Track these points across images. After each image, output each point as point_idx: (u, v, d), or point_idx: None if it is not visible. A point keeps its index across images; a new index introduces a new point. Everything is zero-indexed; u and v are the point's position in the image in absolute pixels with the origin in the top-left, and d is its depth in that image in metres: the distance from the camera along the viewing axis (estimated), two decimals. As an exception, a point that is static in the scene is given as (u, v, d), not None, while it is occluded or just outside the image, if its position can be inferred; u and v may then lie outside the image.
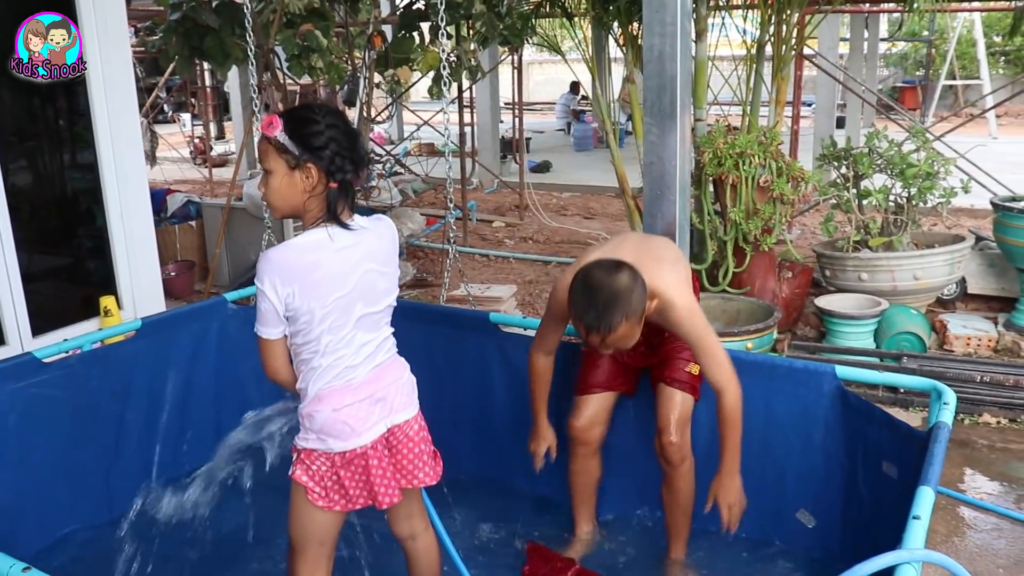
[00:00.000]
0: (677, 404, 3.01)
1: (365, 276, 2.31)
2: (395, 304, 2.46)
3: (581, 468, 3.23)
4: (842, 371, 3.02)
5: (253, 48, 4.83)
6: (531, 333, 3.57)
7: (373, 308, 2.36)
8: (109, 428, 3.64)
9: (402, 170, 10.73)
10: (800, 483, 3.14)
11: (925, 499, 2.08)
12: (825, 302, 5.64)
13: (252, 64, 4.72)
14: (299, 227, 2.36)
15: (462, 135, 9.33)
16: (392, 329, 2.50)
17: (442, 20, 4.37)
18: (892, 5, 10.82)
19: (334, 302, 2.25)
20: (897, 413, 4.63)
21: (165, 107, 19.12)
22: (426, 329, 3.83)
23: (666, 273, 2.74)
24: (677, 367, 3.03)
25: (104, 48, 4.85)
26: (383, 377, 2.42)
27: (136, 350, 3.76)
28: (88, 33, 4.79)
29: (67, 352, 3.50)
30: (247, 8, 5.07)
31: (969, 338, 5.58)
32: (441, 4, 4.37)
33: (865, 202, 6.02)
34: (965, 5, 11.91)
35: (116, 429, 3.67)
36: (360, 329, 2.34)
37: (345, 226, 2.28)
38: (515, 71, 10.49)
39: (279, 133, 2.21)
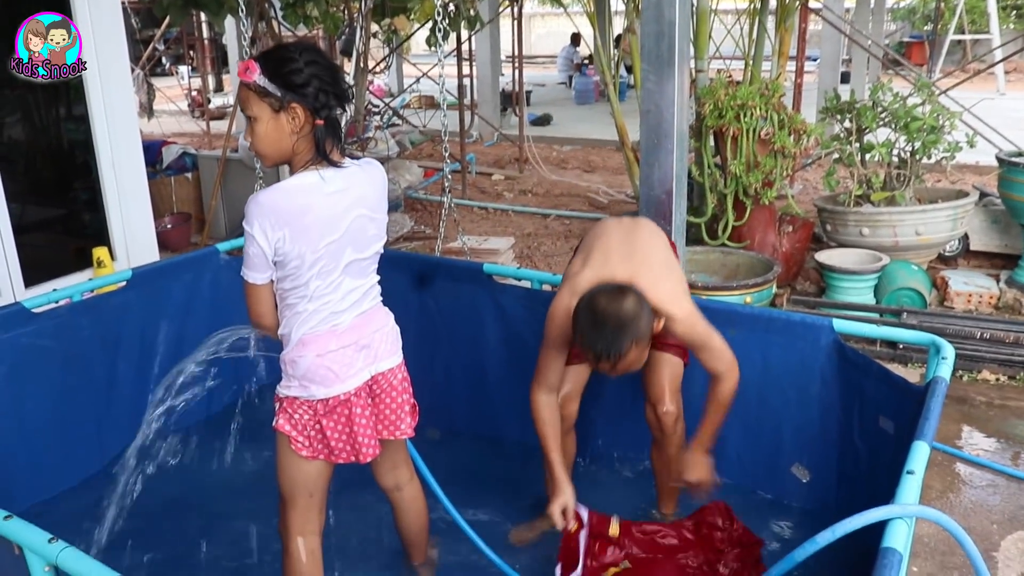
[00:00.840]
0: (668, 370, 2.94)
1: (356, 221, 2.26)
2: (382, 251, 2.42)
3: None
4: (839, 324, 2.98)
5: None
6: (526, 284, 3.54)
7: (362, 254, 2.32)
8: (100, 378, 3.62)
9: (400, 122, 10.62)
10: (796, 436, 3.12)
11: (920, 454, 2.04)
12: (825, 257, 5.58)
13: (243, 13, 4.60)
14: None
15: (460, 87, 9.21)
16: (378, 277, 2.45)
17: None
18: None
19: (325, 247, 2.21)
20: (896, 369, 4.60)
21: (163, 59, 18.92)
22: (419, 280, 3.79)
23: (661, 283, 2.63)
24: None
25: (93, -6, 4.76)
26: (368, 324, 2.38)
27: (127, 300, 3.74)
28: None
29: (57, 302, 3.47)
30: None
31: (970, 295, 5.54)
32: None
33: (868, 156, 5.93)
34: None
35: (108, 379, 3.65)
36: (348, 275, 2.30)
37: (336, 166, 2.22)
38: (515, 23, 10.33)
39: (258, 76, 2.14)
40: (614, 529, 2.83)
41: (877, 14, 15.50)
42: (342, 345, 2.31)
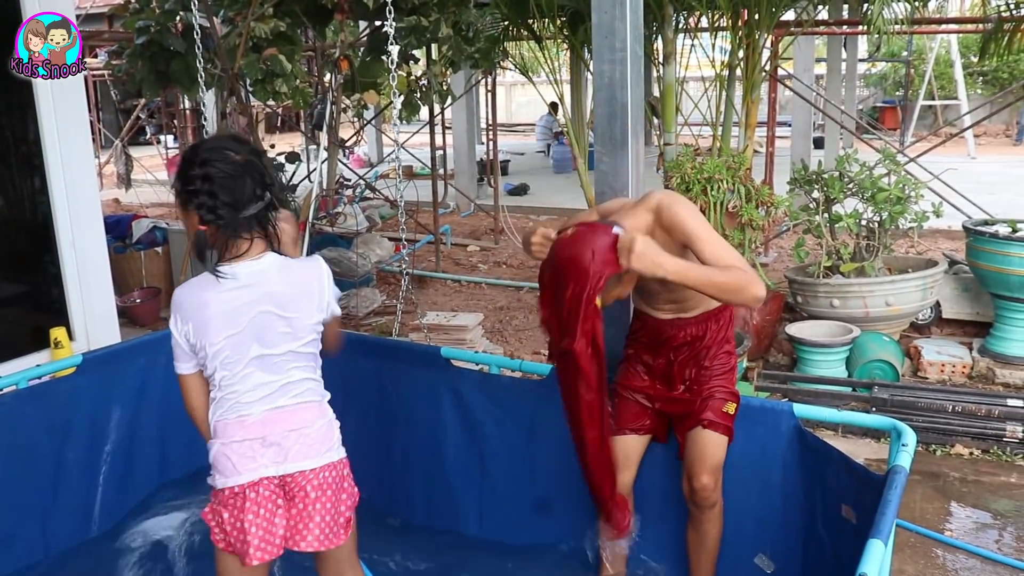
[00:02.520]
0: (711, 447, 2.81)
1: (259, 317, 2.27)
2: (310, 351, 2.38)
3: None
4: (800, 410, 2.92)
5: (204, 75, 4.71)
6: (484, 368, 3.46)
7: (270, 350, 2.29)
8: (46, 467, 3.50)
9: (372, 195, 10.63)
10: (759, 526, 3.02)
11: (874, 553, 1.97)
12: (796, 329, 5.54)
13: (203, 91, 4.60)
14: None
15: (434, 158, 9.23)
16: (307, 376, 2.39)
17: (391, 43, 4.26)
18: (863, 28, 10.81)
19: (224, 340, 2.25)
20: (868, 444, 4.54)
21: (146, 128, 18.99)
22: (377, 363, 3.72)
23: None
24: (715, 407, 2.82)
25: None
26: (281, 421, 2.32)
27: (77, 386, 3.64)
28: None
29: (1, 390, 3.38)
30: (196, 31, 4.96)
31: (943, 364, 5.50)
32: (391, 27, 4.26)
33: (837, 227, 5.94)
34: (934, 27, 11.93)
35: (54, 468, 3.54)
36: (258, 368, 2.29)
37: (234, 262, 2.25)
38: (488, 93, 10.42)
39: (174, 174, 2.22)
40: None
41: (849, 80, 15.77)
42: (247, 437, 2.29)
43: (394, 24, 4.40)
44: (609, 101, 3.05)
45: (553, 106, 17.98)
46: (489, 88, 10.31)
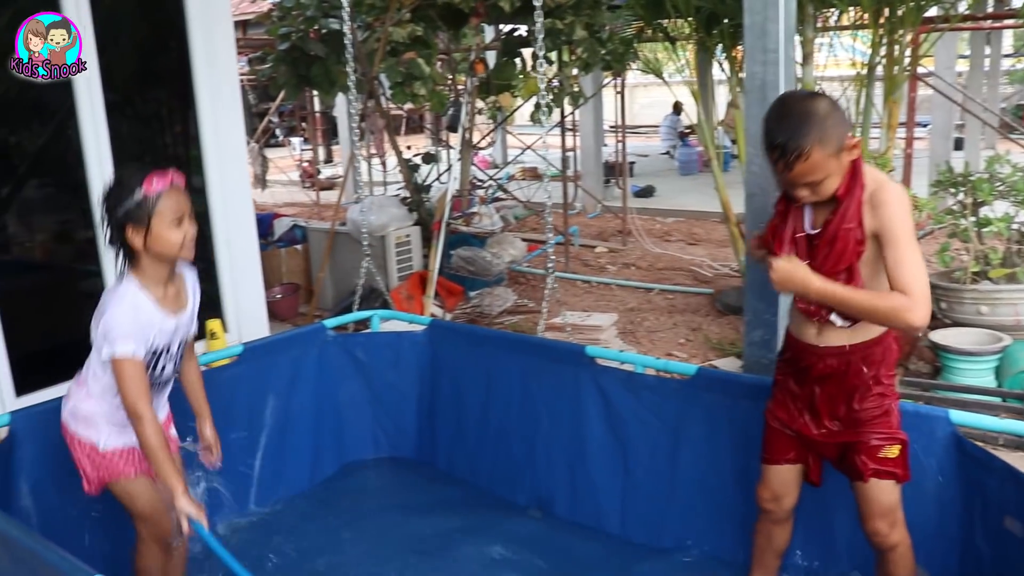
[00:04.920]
0: (876, 494, 2.63)
1: None
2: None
3: (762, 530, 2.97)
4: (957, 416, 2.84)
5: (355, 77, 4.89)
6: (628, 367, 3.50)
7: None
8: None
9: (504, 196, 10.77)
10: (911, 533, 2.95)
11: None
12: (940, 336, 5.36)
13: (352, 93, 4.77)
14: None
15: (564, 160, 9.29)
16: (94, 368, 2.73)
17: (541, 48, 4.33)
18: (1015, 21, 10.33)
19: None
20: (1022, 458, 4.36)
21: (277, 132, 19.73)
22: (521, 360, 3.80)
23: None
24: (871, 453, 2.60)
25: (213, 75, 5.01)
26: None
27: (237, 374, 3.84)
28: (198, 61, 4.95)
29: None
30: (346, 36, 5.14)
31: (1101, 376, 5.22)
32: (540, 32, 4.33)
33: (985, 231, 5.71)
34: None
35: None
36: None
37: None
38: (618, 95, 10.41)
39: None
40: None
41: (992, 78, 15.10)
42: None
43: (534, 27, 4.47)
44: (761, 102, 3.05)
45: (677, 106, 17.85)
46: (618, 89, 10.30)
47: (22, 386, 4.42)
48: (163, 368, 2.71)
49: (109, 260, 2.72)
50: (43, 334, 4.71)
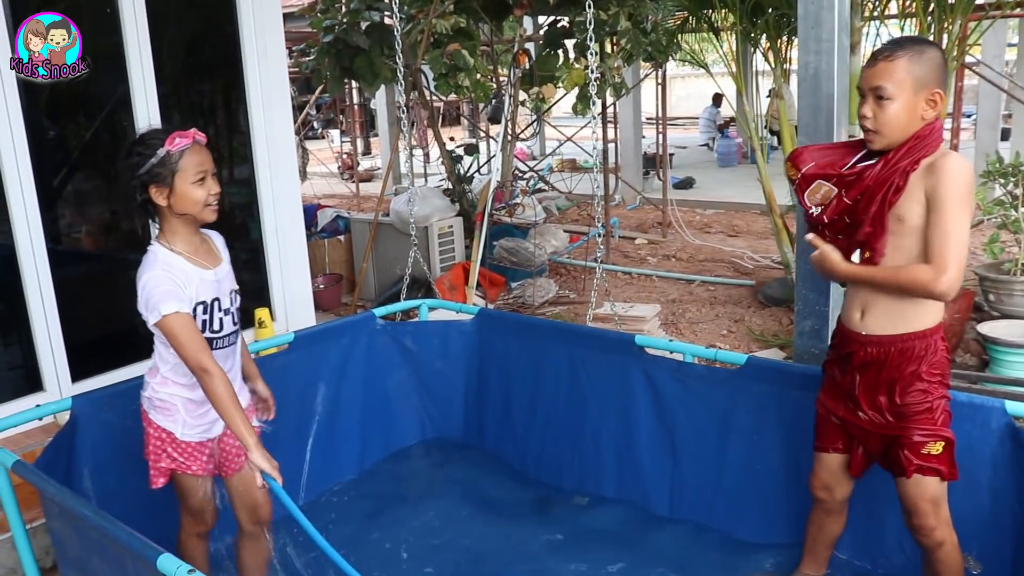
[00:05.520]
0: (919, 491, 2.62)
1: None
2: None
3: (815, 519, 3.00)
4: (1013, 407, 2.82)
5: (401, 68, 4.93)
6: (677, 357, 3.52)
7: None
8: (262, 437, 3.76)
9: (546, 187, 10.78)
10: (962, 524, 2.93)
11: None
12: (989, 328, 5.31)
13: (400, 84, 4.82)
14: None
15: (605, 151, 9.30)
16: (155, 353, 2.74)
17: (590, 39, 4.34)
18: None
19: None
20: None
21: (315, 124, 19.88)
22: (569, 349, 3.83)
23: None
24: (914, 449, 2.59)
25: (263, 67, 5.08)
26: None
27: (288, 362, 3.90)
28: (248, 53, 5.02)
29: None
30: (396, 30, 5.19)
31: None
32: (590, 23, 4.35)
33: (1035, 222, 5.65)
34: None
35: (267, 438, 3.80)
36: None
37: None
38: (659, 86, 10.38)
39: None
40: None
41: (1040, 68, 14.82)
42: None
43: (582, 16, 4.47)
44: (814, 92, 3.04)
45: (716, 98, 17.74)
46: (659, 81, 10.27)
47: (77, 373, 4.51)
48: (221, 324, 2.67)
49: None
50: (97, 322, 4.81)
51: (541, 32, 8.43)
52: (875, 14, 6.29)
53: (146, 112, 4.57)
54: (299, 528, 2.45)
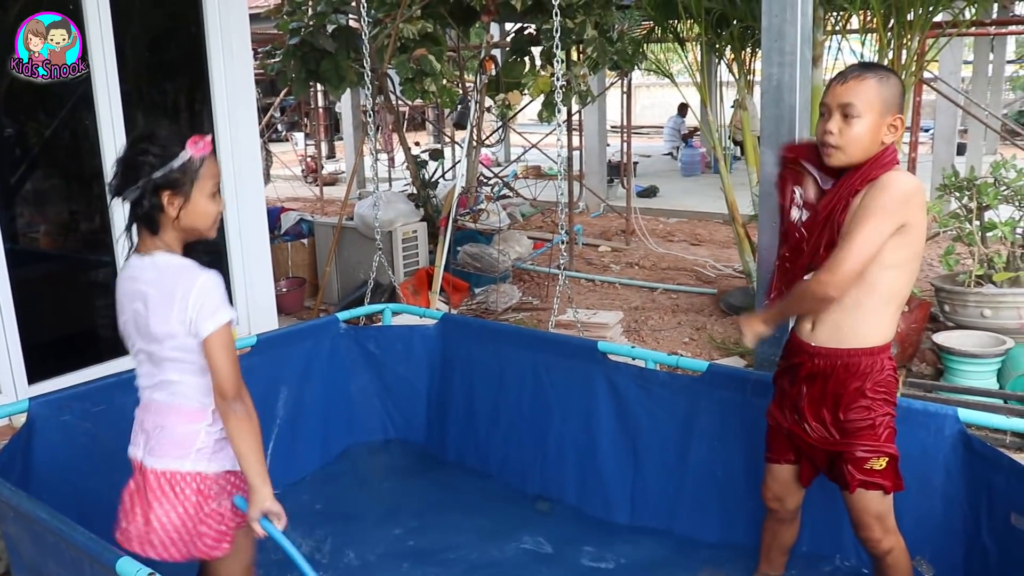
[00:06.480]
0: (863, 504, 2.66)
1: (134, 312, 2.29)
2: (184, 357, 2.26)
3: (768, 527, 3.04)
4: (965, 414, 2.89)
5: (368, 72, 4.93)
6: (639, 363, 3.55)
7: (148, 346, 2.29)
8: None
9: (510, 193, 10.80)
10: (916, 528, 3.00)
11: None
12: (944, 338, 5.41)
13: (366, 88, 4.81)
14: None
15: (570, 158, 9.34)
16: (184, 379, 2.29)
17: (557, 46, 4.37)
18: (1021, 28, 10.39)
19: (121, 323, 2.35)
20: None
21: (279, 127, 19.76)
22: (533, 355, 3.85)
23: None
24: (857, 464, 2.61)
25: (229, 67, 5.05)
26: (153, 413, 2.35)
27: (250, 365, 3.86)
28: (214, 53, 5.00)
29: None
30: (363, 33, 5.19)
31: (1102, 381, 5.27)
32: (556, 31, 4.38)
33: (989, 235, 5.77)
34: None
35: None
36: (146, 359, 2.33)
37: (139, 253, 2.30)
38: (624, 95, 10.46)
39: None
40: None
41: (995, 84, 15.16)
42: (138, 416, 2.40)
43: (549, 24, 4.50)
44: (777, 103, 3.09)
45: (682, 108, 17.90)
46: (624, 90, 10.35)
47: (33, 374, 4.46)
48: None
49: (121, 249, 2.35)
50: (55, 323, 4.76)
51: (508, 39, 8.46)
52: (837, 28, 6.40)
53: (108, 110, 4.53)
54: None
